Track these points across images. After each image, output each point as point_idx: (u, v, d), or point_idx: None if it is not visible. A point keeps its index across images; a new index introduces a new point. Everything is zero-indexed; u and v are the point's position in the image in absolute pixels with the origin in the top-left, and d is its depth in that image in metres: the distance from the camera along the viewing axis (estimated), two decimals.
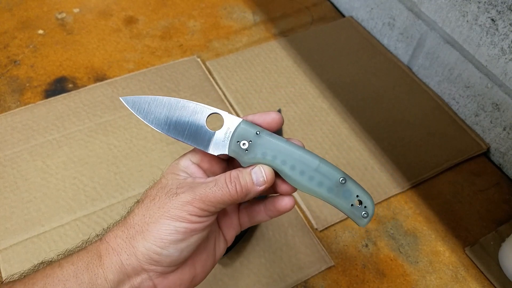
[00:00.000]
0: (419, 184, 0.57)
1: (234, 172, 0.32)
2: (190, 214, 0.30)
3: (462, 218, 0.54)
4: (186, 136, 0.33)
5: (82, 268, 0.29)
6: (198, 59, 0.70)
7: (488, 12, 0.54)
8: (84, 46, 0.71)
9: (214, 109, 0.34)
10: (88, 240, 0.32)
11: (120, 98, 0.35)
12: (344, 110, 0.64)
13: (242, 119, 0.33)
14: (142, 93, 0.64)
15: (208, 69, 0.69)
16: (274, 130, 0.33)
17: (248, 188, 0.31)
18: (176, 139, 0.34)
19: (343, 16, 0.81)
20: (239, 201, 0.32)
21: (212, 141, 0.33)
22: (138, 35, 0.74)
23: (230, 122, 0.33)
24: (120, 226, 0.31)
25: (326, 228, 0.52)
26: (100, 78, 0.67)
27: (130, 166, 0.56)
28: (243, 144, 0.32)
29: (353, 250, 0.51)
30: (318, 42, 0.74)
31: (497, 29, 0.54)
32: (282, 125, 0.33)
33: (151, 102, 0.34)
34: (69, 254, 0.31)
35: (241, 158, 0.32)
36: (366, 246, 0.51)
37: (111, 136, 0.59)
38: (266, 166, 0.32)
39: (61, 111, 0.61)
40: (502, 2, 0.52)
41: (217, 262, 0.35)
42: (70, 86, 0.65)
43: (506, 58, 0.54)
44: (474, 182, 0.58)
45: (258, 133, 0.32)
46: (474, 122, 0.63)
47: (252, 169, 0.32)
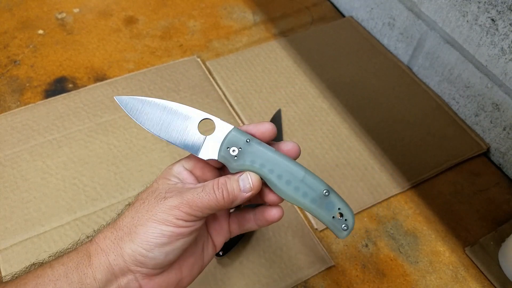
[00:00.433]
0: (419, 184, 0.57)
1: (222, 178, 0.32)
2: (177, 219, 0.30)
3: (462, 218, 0.54)
4: (177, 139, 0.34)
5: (72, 268, 0.30)
6: (198, 59, 0.70)
7: (488, 12, 0.54)
8: (84, 46, 0.71)
9: (206, 114, 0.34)
10: (78, 241, 0.33)
11: (114, 98, 0.35)
12: (344, 110, 0.64)
13: (233, 127, 0.33)
14: (142, 93, 0.64)
15: (208, 69, 0.69)
16: (267, 140, 0.34)
17: (234, 194, 0.32)
18: (167, 142, 0.34)
19: (343, 16, 0.81)
20: (226, 207, 0.32)
21: (202, 146, 0.33)
22: (138, 35, 0.74)
23: (222, 128, 0.33)
24: (109, 227, 0.32)
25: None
26: (100, 78, 0.67)
27: (130, 166, 0.56)
28: (233, 150, 0.33)
29: (353, 250, 0.51)
30: (318, 42, 0.74)
31: (497, 29, 0.54)
32: (275, 136, 0.34)
33: (145, 103, 0.34)
34: (59, 256, 0.31)
35: (230, 164, 0.33)
36: (366, 246, 0.51)
37: (111, 136, 0.59)
38: (254, 173, 0.32)
39: (61, 111, 0.61)
40: (502, 2, 0.52)
41: (205, 267, 0.36)
42: (70, 86, 0.65)
43: (506, 58, 0.54)
44: (474, 182, 0.58)
45: (248, 141, 0.33)
46: (474, 122, 0.63)
47: (239, 176, 0.32)
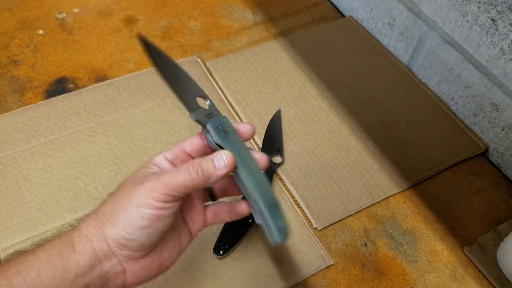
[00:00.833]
0: (418, 183, 0.57)
1: (197, 159, 0.34)
2: (156, 201, 0.32)
3: (460, 217, 0.55)
4: (179, 87, 0.38)
5: (55, 254, 0.31)
6: (198, 59, 0.70)
7: (488, 12, 0.54)
8: (84, 46, 0.71)
9: (211, 102, 0.38)
10: (60, 231, 0.34)
11: (139, 37, 0.39)
12: (343, 110, 0.64)
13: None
14: (143, 93, 0.64)
15: (208, 69, 0.69)
16: (245, 139, 0.37)
17: (210, 172, 0.33)
18: (168, 86, 0.37)
19: (343, 16, 0.81)
20: (202, 185, 0.34)
21: (196, 110, 0.37)
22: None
23: (217, 111, 0.37)
24: (92, 215, 0.33)
25: (326, 227, 0.53)
26: (100, 78, 0.67)
27: (131, 166, 0.56)
28: (222, 127, 0.36)
29: (352, 249, 0.51)
30: (318, 42, 0.74)
31: (497, 29, 0.54)
32: (253, 136, 0.38)
33: (166, 57, 0.39)
34: (42, 244, 0.32)
35: (213, 137, 0.35)
36: (365, 245, 0.52)
37: (112, 136, 0.59)
38: (228, 152, 0.34)
39: (62, 111, 0.62)
40: (502, 2, 0.52)
41: (184, 251, 0.38)
42: (71, 86, 0.65)
43: (506, 58, 0.54)
44: (473, 182, 0.58)
45: (234, 130, 0.36)
46: (472, 122, 0.63)
47: (214, 155, 0.34)
